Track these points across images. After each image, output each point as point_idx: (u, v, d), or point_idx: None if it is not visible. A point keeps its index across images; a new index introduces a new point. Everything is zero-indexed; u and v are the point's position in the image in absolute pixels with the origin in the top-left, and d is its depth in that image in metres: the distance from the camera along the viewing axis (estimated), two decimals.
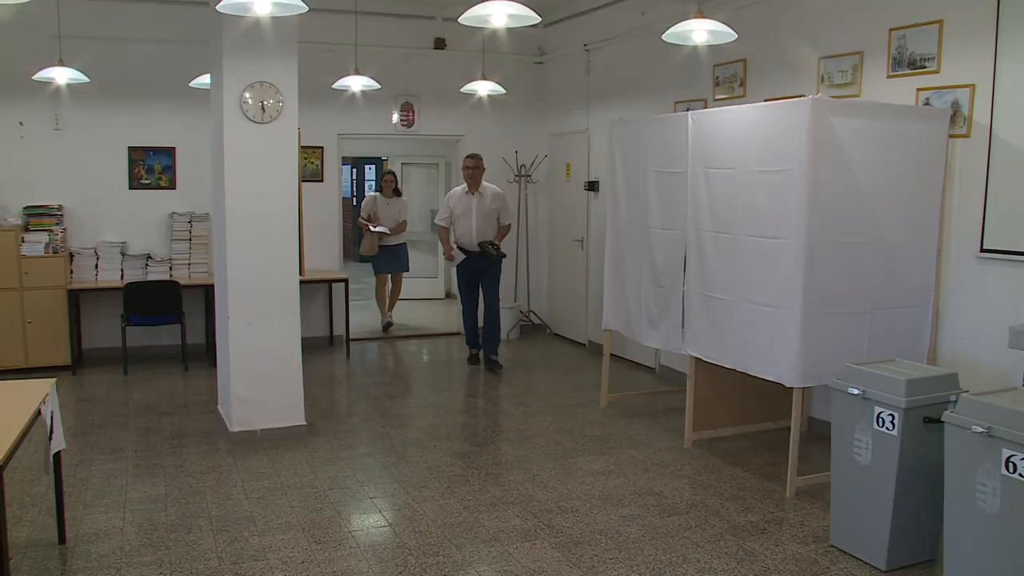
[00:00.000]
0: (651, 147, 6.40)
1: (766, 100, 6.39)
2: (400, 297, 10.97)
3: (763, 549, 4.45)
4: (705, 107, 7.23)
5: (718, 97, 7.33)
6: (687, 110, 6.58)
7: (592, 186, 9.33)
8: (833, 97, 5.92)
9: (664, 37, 5.40)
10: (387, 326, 10.78)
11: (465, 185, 8.44)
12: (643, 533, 4.66)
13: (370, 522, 4.87)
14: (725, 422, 6.28)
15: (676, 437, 6.26)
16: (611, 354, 7.22)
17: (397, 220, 10.67)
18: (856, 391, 4.27)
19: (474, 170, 8.54)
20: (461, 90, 8.67)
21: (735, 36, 5.28)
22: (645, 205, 6.46)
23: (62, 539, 4.55)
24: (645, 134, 6.53)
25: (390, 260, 10.81)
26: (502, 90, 8.56)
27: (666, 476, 5.56)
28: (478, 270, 8.53)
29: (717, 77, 7.33)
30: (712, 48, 6.55)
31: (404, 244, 10.97)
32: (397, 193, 10.85)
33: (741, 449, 6.05)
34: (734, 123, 5.56)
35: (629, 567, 4.25)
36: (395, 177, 11.02)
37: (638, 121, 6.96)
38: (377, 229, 10.52)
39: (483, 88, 8.47)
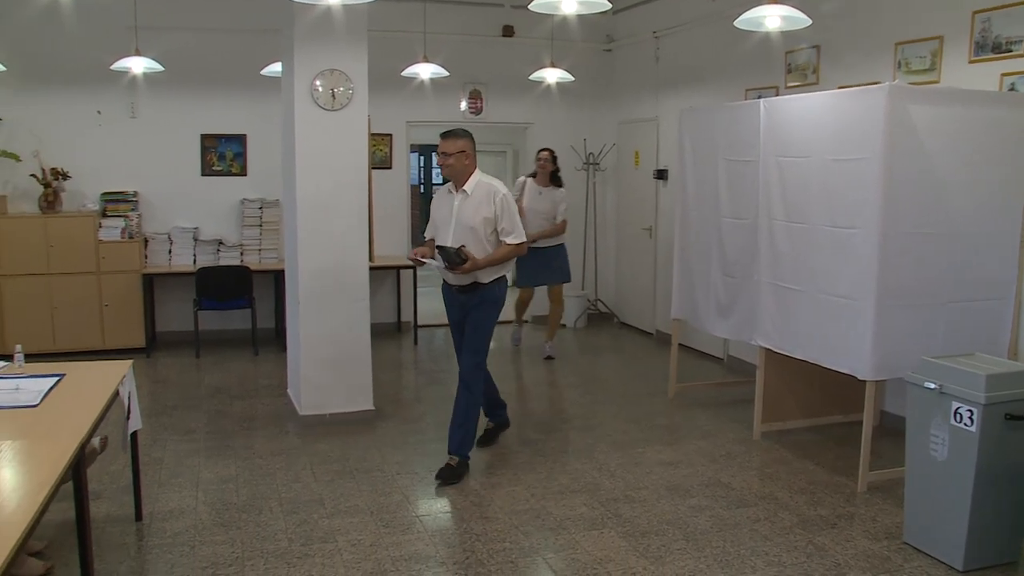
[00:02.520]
0: (721, 135, 6.33)
1: (840, 87, 6.26)
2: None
3: (833, 544, 4.38)
4: (777, 95, 7.11)
5: (790, 84, 7.20)
6: (758, 98, 6.48)
7: (661, 174, 9.25)
8: (911, 84, 5.78)
9: (736, 23, 5.32)
10: (548, 358, 8.53)
11: (451, 183, 5.46)
12: (711, 524, 4.62)
13: (437, 507, 4.92)
14: (794, 414, 6.19)
15: (744, 428, 6.20)
16: (679, 344, 7.16)
17: (549, 218, 8.30)
18: (933, 385, 4.18)
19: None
20: (529, 77, 8.66)
21: (809, 22, 5.18)
22: (715, 194, 6.39)
23: (139, 516, 4.70)
24: (715, 122, 6.45)
25: (539, 268, 8.31)
26: (570, 77, 8.53)
27: (734, 467, 5.51)
28: (462, 305, 5.51)
29: (789, 64, 7.21)
30: (785, 34, 6.44)
31: (562, 246, 8.53)
32: (555, 180, 8.43)
33: (810, 442, 5.96)
34: (808, 111, 5.46)
35: (697, 558, 4.22)
36: (553, 158, 8.42)
37: (708, 109, 6.89)
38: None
39: (551, 76, 8.45)
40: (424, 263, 5.54)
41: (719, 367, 8.26)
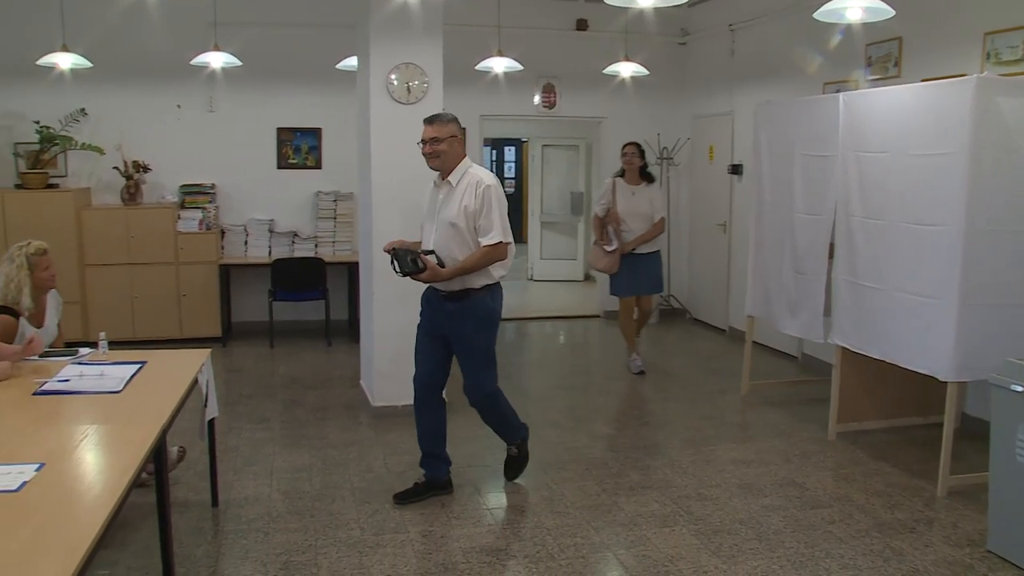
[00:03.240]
0: (798, 130, 6.22)
1: (923, 80, 6.10)
2: (539, 278, 10.67)
3: (912, 549, 4.28)
4: (856, 88, 6.97)
5: (870, 78, 7.04)
6: (836, 91, 6.35)
7: (736, 169, 9.14)
8: (1001, 76, 5.61)
9: (816, 15, 5.22)
10: (640, 372, 7.76)
11: (438, 176, 4.80)
12: (784, 524, 4.55)
13: (508, 501, 4.93)
14: (871, 415, 6.06)
15: (819, 428, 6.09)
16: (752, 341, 7.06)
17: (648, 219, 7.63)
18: (1020, 388, 4.05)
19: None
20: (603, 71, 8.61)
21: (892, 13, 5.05)
22: (790, 189, 6.28)
23: (215, 502, 4.79)
24: (792, 116, 6.35)
25: (638, 276, 7.66)
26: (645, 71, 8.47)
27: (808, 468, 5.42)
28: (450, 316, 4.80)
29: (870, 57, 7.05)
30: (866, 26, 6.30)
31: (658, 252, 7.81)
32: (646, 176, 7.78)
33: (887, 443, 5.83)
34: (889, 105, 5.34)
35: (770, 559, 4.16)
36: (640, 152, 7.72)
37: (785, 103, 6.77)
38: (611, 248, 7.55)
39: (626, 69, 8.40)
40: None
41: (793, 365, 8.12)
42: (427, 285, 4.81)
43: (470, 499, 4.90)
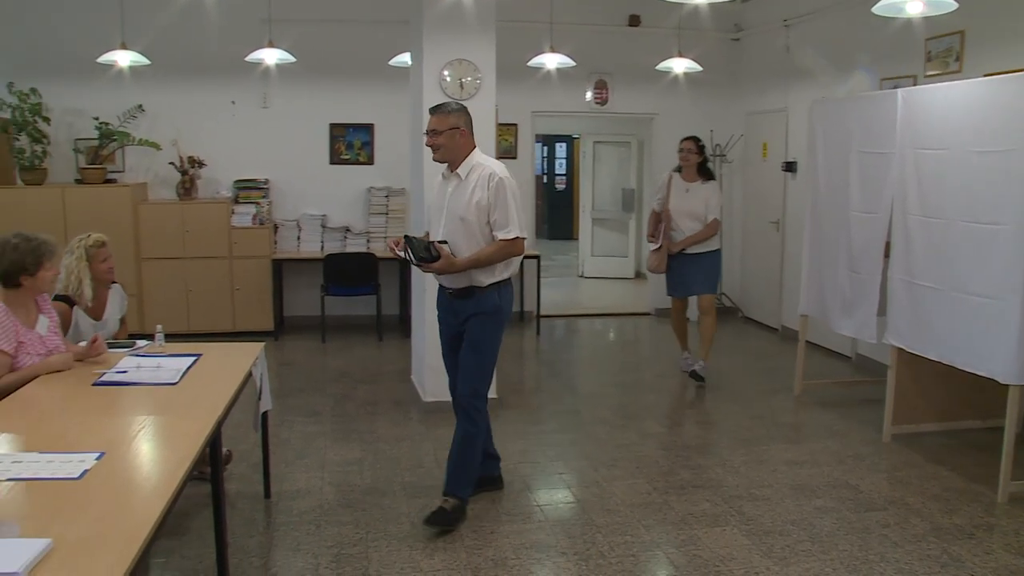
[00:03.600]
0: (855, 127, 6.12)
1: (986, 75, 5.97)
2: (589, 275, 10.60)
3: (971, 556, 4.19)
4: (915, 84, 6.84)
5: (929, 73, 6.91)
6: (894, 87, 6.24)
7: (789, 167, 9.03)
8: None
9: (874, 10, 5.13)
10: (693, 374, 7.40)
11: (446, 167, 4.59)
12: (838, 527, 4.49)
13: (559, 497, 4.92)
14: (927, 417, 5.95)
15: (873, 430, 5.99)
16: (805, 340, 6.97)
17: (698, 219, 7.20)
18: None
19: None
20: (656, 67, 8.55)
21: (955, 6, 4.95)
22: (845, 187, 6.19)
23: (267, 493, 4.85)
24: (849, 113, 6.25)
25: (688, 276, 7.33)
26: (698, 67, 8.39)
27: (862, 470, 5.33)
28: (456, 314, 4.64)
29: (929, 51, 6.91)
30: (926, 20, 6.18)
31: (715, 252, 7.36)
32: (705, 173, 7.33)
33: (944, 447, 5.72)
34: (950, 100, 5.23)
35: (823, 561, 4.10)
36: (698, 147, 7.31)
37: (841, 99, 6.68)
38: None
39: (678, 66, 8.33)
40: (401, 256, 4.48)
41: (847, 365, 8.01)
42: (439, 287, 4.70)
43: (520, 495, 4.90)
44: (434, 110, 4.53)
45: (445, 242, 4.44)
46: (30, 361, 3.99)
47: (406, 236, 4.47)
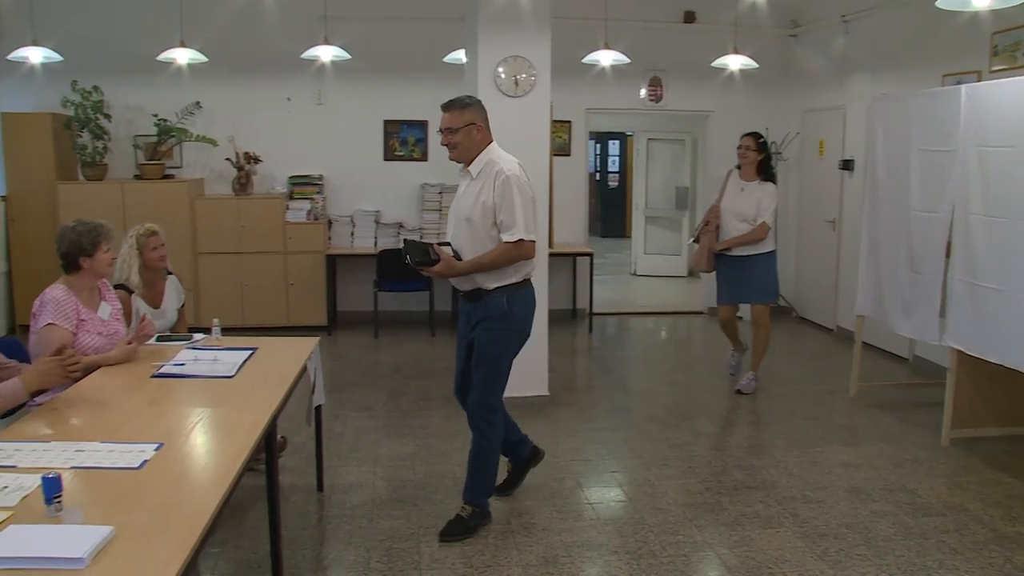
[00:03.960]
0: (916, 124, 6.01)
1: None
2: (641, 273, 10.49)
3: None
4: (979, 80, 6.70)
5: (995, 68, 6.75)
6: (957, 83, 6.11)
7: (847, 165, 8.89)
8: None
9: (939, 3, 5.02)
10: (738, 391, 6.92)
11: (462, 165, 4.36)
12: (894, 532, 4.41)
13: (610, 496, 4.90)
14: (988, 421, 5.82)
15: (932, 434, 5.86)
16: (862, 341, 6.86)
17: (747, 220, 6.71)
18: None
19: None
20: (712, 64, 8.48)
21: None
22: (905, 185, 6.07)
23: (320, 487, 4.89)
24: (910, 110, 6.14)
25: (735, 281, 6.86)
26: (754, 64, 8.30)
27: (920, 474, 5.23)
28: (468, 316, 4.41)
29: (995, 46, 6.76)
30: (993, 13, 6.04)
31: (769, 255, 6.79)
32: (764, 172, 6.79)
33: (1006, 452, 5.58)
34: (1017, 97, 5.10)
35: (879, 566, 4.03)
36: (757, 145, 6.77)
37: (903, 96, 6.55)
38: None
39: (734, 62, 8.25)
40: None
41: (903, 367, 7.86)
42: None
43: (572, 493, 4.88)
44: (447, 106, 4.27)
45: (448, 244, 4.25)
46: (90, 340, 4.09)
47: (404, 239, 4.33)
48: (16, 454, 2.79)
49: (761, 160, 6.76)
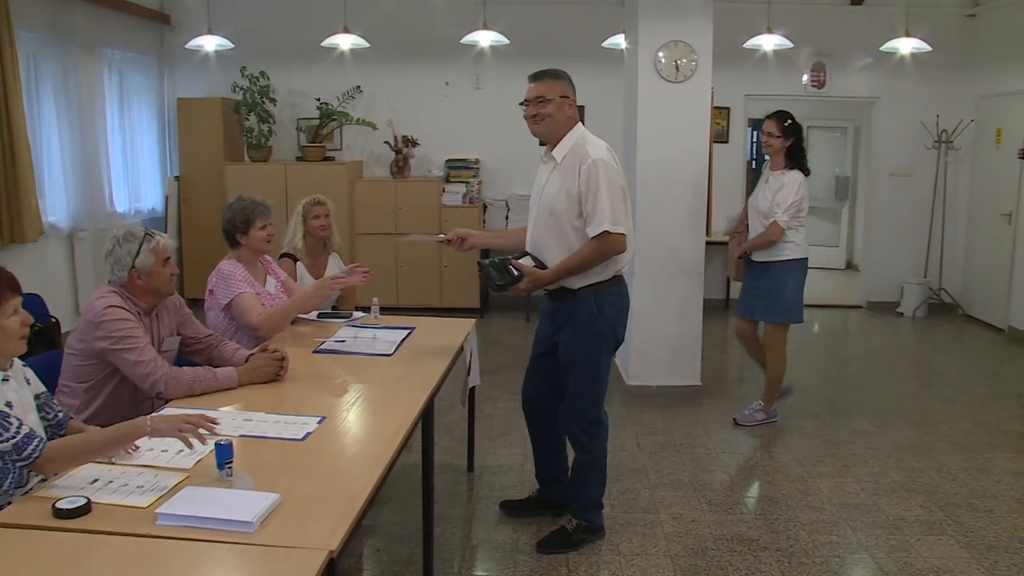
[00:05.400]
0: None
1: None
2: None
3: None
4: None
5: None
6: None
7: None
8: None
9: None
10: (735, 421, 5.87)
11: (544, 149, 4.13)
12: None
13: (762, 491, 4.80)
14: None
15: None
16: None
17: (764, 216, 5.57)
18: None
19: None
20: (880, 48, 8.12)
21: None
22: None
23: (470, 467, 4.97)
24: None
25: (749, 291, 5.79)
26: (926, 47, 7.89)
27: None
28: (552, 317, 4.08)
29: None
30: None
31: (786, 264, 5.56)
32: (794, 159, 5.56)
33: None
34: None
35: None
36: (783, 127, 5.54)
37: None
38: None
39: (905, 46, 7.86)
40: (484, 269, 3.93)
41: None
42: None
43: (722, 486, 4.80)
44: (538, 75, 3.94)
45: (526, 254, 3.93)
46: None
47: (479, 263, 3.97)
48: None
49: (790, 146, 5.57)
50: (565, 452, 4.29)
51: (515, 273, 3.81)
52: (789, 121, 5.54)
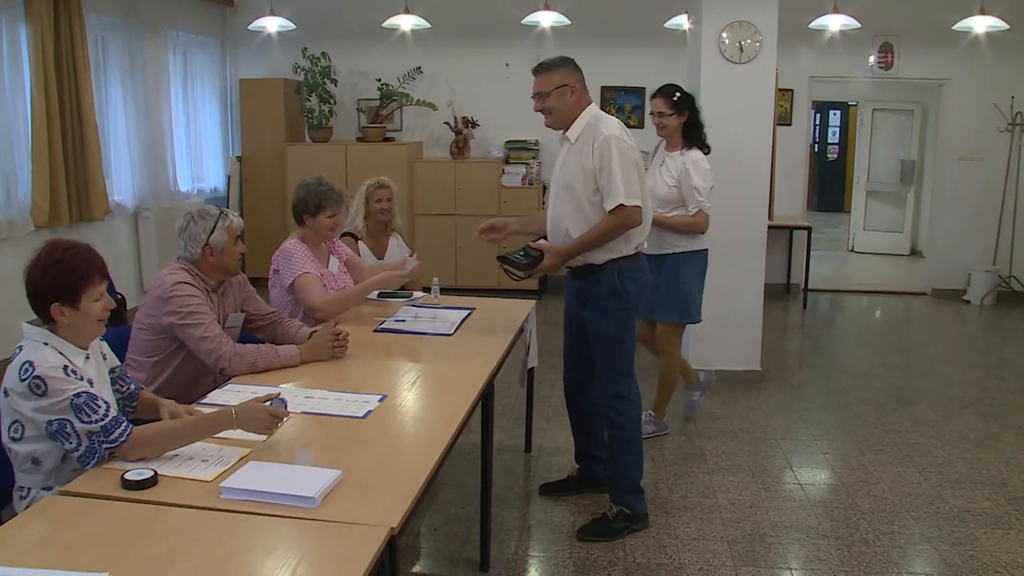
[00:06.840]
0: None
1: None
2: (860, 250, 9.84)
3: None
4: None
5: None
6: None
7: None
8: None
9: None
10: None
11: (560, 131, 4.06)
12: None
13: (821, 478, 4.73)
14: None
15: None
16: None
17: (668, 203, 5.02)
18: None
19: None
20: (952, 27, 7.91)
21: None
22: None
23: (527, 447, 4.98)
24: None
25: (654, 291, 4.66)
26: (1004, 25, 7.65)
27: None
28: (576, 295, 4.13)
29: None
30: None
31: (683, 256, 5.06)
32: (690, 138, 5.06)
33: None
34: None
35: None
36: (672, 102, 5.03)
37: None
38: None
39: (979, 24, 7.64)
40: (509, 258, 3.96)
41: None
42: None
43: (781, 472, 4.75)
44: (536, 69, 3.97)
45: (543, 237, 4.01)
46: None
47: (498, 256, 4.01)
48: (254, 397, 2.96)
49: (685, 122, 5.03)
50: (600, 430, 4.30)
51: (535, 254, 3.88)
52: (678, 95, 5.01)
